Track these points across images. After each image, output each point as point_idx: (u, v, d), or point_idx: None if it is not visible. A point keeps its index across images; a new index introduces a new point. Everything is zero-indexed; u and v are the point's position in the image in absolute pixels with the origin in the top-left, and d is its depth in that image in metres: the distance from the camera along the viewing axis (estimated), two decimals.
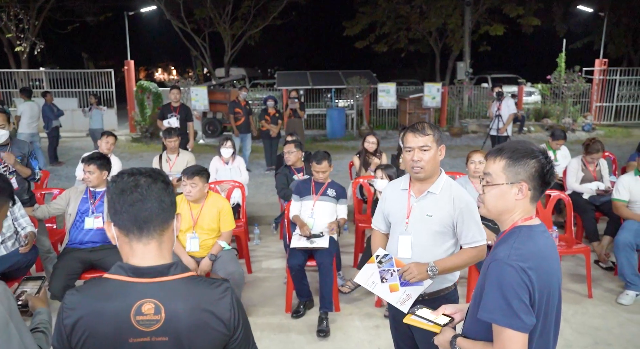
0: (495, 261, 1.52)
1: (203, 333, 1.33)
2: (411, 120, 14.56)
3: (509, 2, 17.16)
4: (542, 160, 1.58)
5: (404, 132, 2.34)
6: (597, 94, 15.35)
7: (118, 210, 1.33)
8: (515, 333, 1.46)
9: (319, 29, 28.16)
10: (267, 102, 9.38)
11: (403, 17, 19.16)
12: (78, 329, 1.28)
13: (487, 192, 1.64)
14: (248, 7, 18.81)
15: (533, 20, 17.22)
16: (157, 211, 1.34)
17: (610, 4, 18.26)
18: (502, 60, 24.76)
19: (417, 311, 1.93)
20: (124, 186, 1.34)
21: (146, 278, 1.31)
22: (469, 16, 15.94)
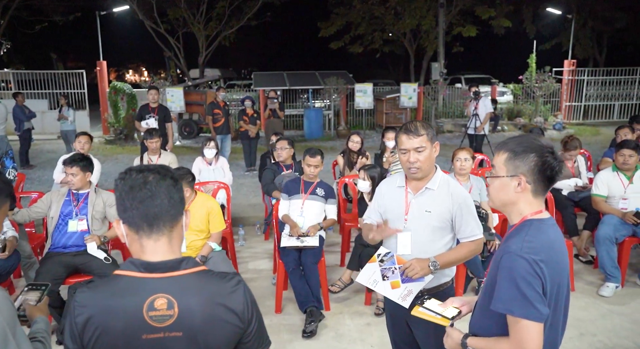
0: (507, 253, 1.54)
1: (217, 327, 1.32)
2: (388, 120, 14.71)
3: (481, 4, 17.50)
4: (544, 155, 1.61)
5: (398, 133, 2.35)
6: (566, 94, 15.81)
7: (127, 207, 1.32)
8: (531, 323, 1.49)
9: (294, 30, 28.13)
10: (245, 103, 9.33)
11: (378, 18, 19.33)
12: (90, 327, 1.26)
13: (491, 184, 1.70)
14: (223, 7, 18.64)
15: (504, 21, 17.62)
16: (166, 208, 1.33)
17: (577, 7, 18.82)
18: (474, 61, 25.25)
19: (425, 303, 1.95)
20: (132, 183, 1.32)
21: (158, 273, 1.30)
22: (442, 17, 16.18)
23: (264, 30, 24.07)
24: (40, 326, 1.74)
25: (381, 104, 14.68)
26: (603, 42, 22.09)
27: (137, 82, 25.97)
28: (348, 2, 19.28)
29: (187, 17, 18.60)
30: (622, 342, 3.57)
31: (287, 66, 21.09)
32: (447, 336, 1.81)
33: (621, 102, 16.44)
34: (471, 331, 1.76)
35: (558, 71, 15.52)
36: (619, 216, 4.33)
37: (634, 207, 4.35)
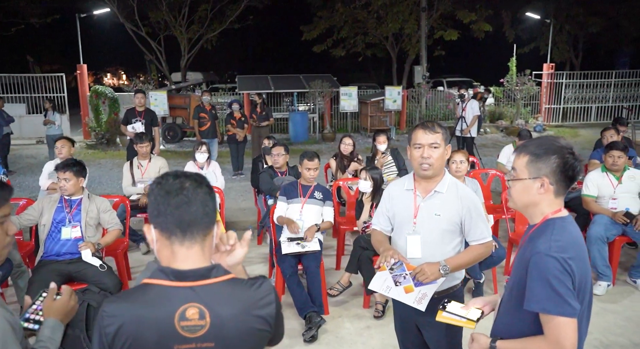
0: (537, 254, 1.57)
1: (251, 337, 1.31)
2: (373, 123, 14.79)
3: (462, 9, 17.74)
4: (565, 156, 1.63)
5: (414, 129, 2.36)
6: (546, 97, 16.12)
7: (162, 212, 1.29)
8: (566, 319, 1.51)
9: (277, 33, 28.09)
10: (233, 106, 9.27)
11: (360, 22, 19.41)
12: (120, 337, 1.23)
13: (513, 186, 1.72)
14: (205, 10, 18.51)
15: (485, 26, 17.87)
16: (201, 215, 1.31)
17: (554, 12, 19.24)
18: (456, 64, 25.57)
19: (447, 307, 1.95)
20: (169, 188, 1.30)
21: (188, 282, 1.27)
22: (424, 21, 16.35)
23: (246, 33, 23.95)
24: (44, 333, 1.64)
25: (366, 107, 14.74)
26: (579, 46, 22.61)
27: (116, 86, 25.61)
28: (331, 5, 19.34)
29: (168, 20, 18.42)
30: (618, 339, 3.64)
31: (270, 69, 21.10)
32: (472, 341, 1.80)
33: (598, 105, 16.84)
34: (496, 333, 1.76)
35: (537, 74, 15.83)
36: (609, 216, 4.42)
37: (624, 207, 4.45)
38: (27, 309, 1.70)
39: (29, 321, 1.66)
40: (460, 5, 17.96)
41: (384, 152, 5.87)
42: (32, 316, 1.68)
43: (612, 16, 20.18)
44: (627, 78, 16.86)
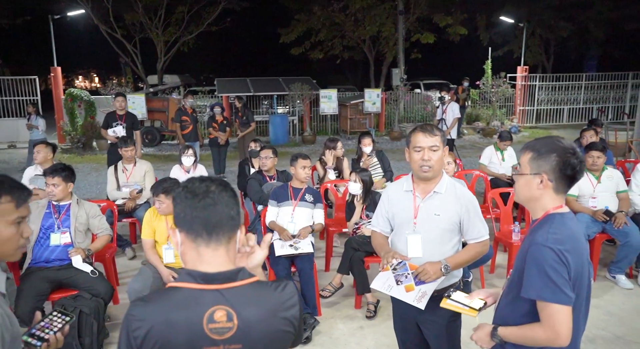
0: (535, 244, 1.66)
1: (277, 338, 1.33)
2: (352, 126, 14.90)
3: (438, 12, 18.05)
4: (566, 155, 1.72)
5: (413, 132, 2.41)
6: (520, 99, 16.51)
7: (188, 214, 1.31)
8: (561, 306, 1.60)
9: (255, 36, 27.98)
10: (214, 109, 9.22)
11: (338, 24, 19.54)
12: (150, 340, 1.24)
13: (516, 181, 1.84)
14: (182, 12, 18.38)
15: (460, 29, 18.22)
16: (226, 217, 1.33)
17: (526, 16, 19.73)
18: (432, 67, 25.93)
19: (452, 295, 2.02)
20: (195, 191, 1.33)
21: (216, 285, 1.28)
22: (401, 25, 16.57)
23: (224, 36, 23.82)
24: None
25: (345, 110, 14.84)
26: (550, 50, 23.22)
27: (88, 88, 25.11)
28: (308, 8, 19.41)
29: (144, 22, 18.21)
30: (601, 333, 3.77)
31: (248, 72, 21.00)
32: (476, 329, 1.89)
33: (569, 107, 17.33)
34: (497, 321, 1.85)
35: (512, 77, 16.21)
36: (590, 215, 4.58)
37: (603, 205, 4.61)
38: (35, 325, 1.67)
39: (33, 336, 1.63)
40: (436, 9, 18.28)
41: (369, 154, 5.93)
42: (38, 332, 1.65)
43: (580, 21, 20.81)
44: (595, 81, 17.42)
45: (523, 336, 1.72)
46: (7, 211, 1.44)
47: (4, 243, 1.44)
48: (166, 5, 17.96)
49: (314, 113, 15.36)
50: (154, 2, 17.82)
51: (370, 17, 18.27)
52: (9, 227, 1.44)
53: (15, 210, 1.46)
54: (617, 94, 17.43)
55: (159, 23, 18.42)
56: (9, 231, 1.44)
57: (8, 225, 1.44)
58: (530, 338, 1.70)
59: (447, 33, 19.06)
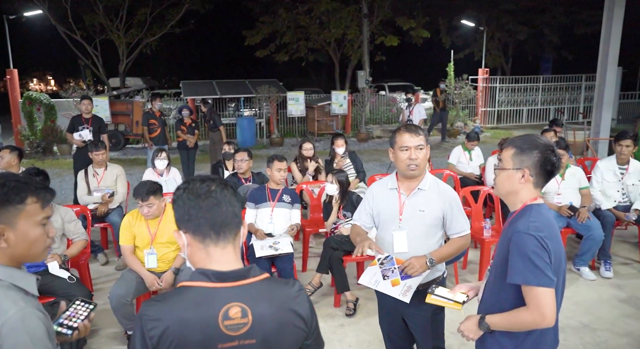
0: (517, 233, 1.76)
1: (288, 332, 1.35)
2: (319, 128, 15.00)
3: (401, 16, 18.39)
4: (547, 152, 1.83)
5: (398, 132, 2.49)
6: (481, 100, 17.02)
7: (193, 216, 1.33)
8: (545, 289, 1.70)
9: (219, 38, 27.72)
10: (183, 112, 9.10)
11: (303, 27, 19.60)
12: (166, 340, 1.24)
13: (498, 175, 1.93)
14: (144, 14, 17.98)
15: (423, 32, 18.60)
16: (231, 215, 1.35)
17: (485, 20, 20.39)
18: (396, 69, 26.38)
19: (435, 291, 2.10)
20: (198, 192, 1.34)
21: (229, 282, 1.30)
22: (366, 27, 16.79)
23: (188, 38, 23.50)
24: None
25: (312, 112, 14.92)
26: (508, 53, 24.05)
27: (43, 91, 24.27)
28: (273, 11, 19.39)
29: (105, 24, 17.74)
30: (570, 322, 3.96)
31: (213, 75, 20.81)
32: (462, 324, 1.96)
33: (528, 108, 17.99)
34: (482, 311, 1.94)
35: (473, 79, 16.70)
36: (555, 210, 4.80)
37: (567, 201, 4.84)
38: (61, 315, 1.71)
39: (63, 326, 1.67)
40: (399, 12, 18.61)
41: (342, 155, 6.01)
42: (66, 321, 1.69)
43: (536, 25, 21.67)
44: (552, 83, 18.14)
45: (510, 321, 1.81)
46: (34, 212, 1.45)
47: (33, 244, 1.46)
48: (128, 7, 17.56)
49: (281, 115, 15.37)
50: (115, 3, 17.40)
51: (335, 20, 18.43)
52: (36, 228, 1.45)
53: (41, 210, 1.47)
54: (572, 95, 18.21)
55: (120, 24, 17.98)
56: (37, 231, 1.46)
57: (36, 225, 1.45)
58: (517, 323, 1.79)
59: (410, 36, 19.43)
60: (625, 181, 5.04)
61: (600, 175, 5.08)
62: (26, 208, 1.43)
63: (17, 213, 1.42)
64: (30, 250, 1.46)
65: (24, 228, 1.43)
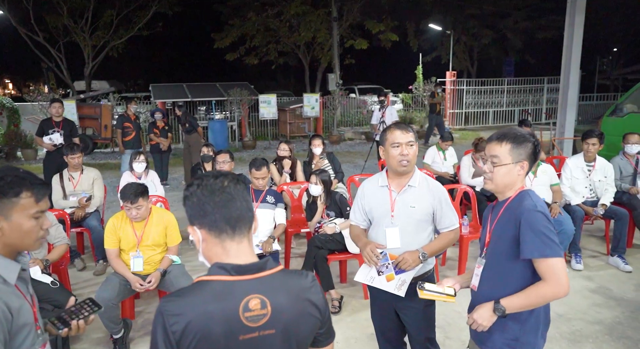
0: (527, 211, 1.87)
1: (304, 321, 1.39)
2: (292, 130, 15.04)
3: (370, 19, 18.65)
4: (535, 143, 1.96)
5: (389, 129, 2.56)
6: (449, 102, 17.42)
7: (209, 211, 1.34)
8: (559, 259, 1.82)
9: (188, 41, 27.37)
10: (155, 115, 9.00)
11: (273, 30, 19.63)
12: (189, 334, 1.26)
13: (497, 171, 1.99)
14: (110, 16, 17.63)
15: (391, 36, 18.93)
16: (245, 210, 1.38)
17: (452, 25, 20.91)
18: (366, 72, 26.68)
19: (426, 287, 2.17)
20: (212, 188, 1.36)
21: (248, 275, 1.33)
22: (336, 31, 16.96)
23: (156, 41, 23.11)
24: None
25: (284, 114, 14.95)
26: (474, 56, 24.71)
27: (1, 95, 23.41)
28: (242, 14, 19.34)
29: (69, 26, 17.30)
30: None
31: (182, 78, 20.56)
32: (474, 313, 2.01)
33: (494, 109, 18.52)
34: (483, 298, 2.01)
35: (441, 81, 17.07)
36: None
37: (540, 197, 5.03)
38: (66, 309, 1.77)
39: (60, 319, 1.73)
40: (368, 16, 18.88)
41: (321, 156, 6.07)
42: (66, 317, 1.73)
43: (500, 29, 22.38)
44: (516, 85, 18.74)
45: (529, 298, 1.87)
46: (28, 205, 1.57)
47: (25, 235, 1.58)
48: (93, 9, 17.17)
49: (252, 118, 15.33)
50: (80, 5, 17.00)
51: (306, 23, 18.53)
52: (29, 220, 1.57)
53: (35, 204, 1.59)
54: (535, 97, 18.85)
55: (85, 26, 17.58)
56: (30, 224, 1.58)
57: (28, 218, 1.57)
58: (536, 297, 1.86)
59: (379, 39, 19.72)
60: (593, 178, 5.28)
61: (569, 172, 5.30)
62: (20, 202, 1.55)
63: (11, 206, 1.54)
64: (22, 240, 1.59)
65: (18, 220, 1.55)
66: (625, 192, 5.41)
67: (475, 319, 2.00)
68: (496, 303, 1.94)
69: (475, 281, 2.10)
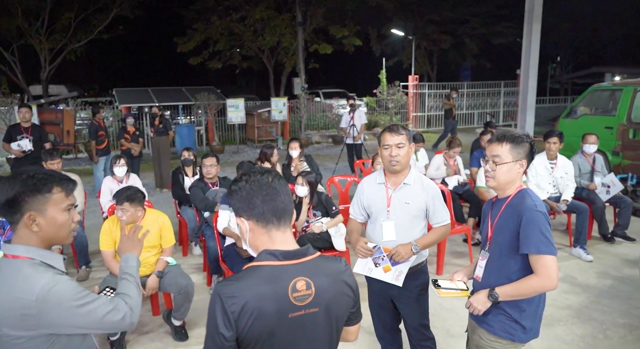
0: (529, 210, 2.07)
1: (342, 301, 1.57)
2: (260, 134, 15.10)
3: (333, 24, 18.95)
4: (531, 142, 2.18)
5: (382, 132, 2.76)
6: (412, 105, 17.91)
7: (257, 205, 1.50)
8: (552, 257, 2.04)
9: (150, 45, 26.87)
10: (127, 121, 8.91)
11: (237, 34, 19.61)
12: (246, 313, 1.40)
13: (499, 169, 2.18)
14: (68, 19, 17.14)
15: (355, 40, 19.28)
16: (288, 202, 1.55)
17: (412, 30, 21.51)
18: (330, 76, 26.98)
19: (441, 286, 2.37)
20: (260, 183, 1.51)
21: (294, 260, 1.49)
22: (301, 35, 17.14)
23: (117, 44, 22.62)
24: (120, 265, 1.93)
25: (252, 119, 15.00)
26: (433, 60, 25.48)
27: None
28: (206, 18, 19.23)
29: (23, 28, 16.71)
30: None
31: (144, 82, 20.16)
32: (474, 295, 2.21)
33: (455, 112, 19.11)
34: (487, 286, 2.21)
35: (404, 85, 17.56)
36: None
37: None
38: None
39: None
40: (331, 21, 19.16)
41: (301, 159, 6.22)
42: None
43: (458, 35, 23.20)
44: (474, 89, 19.46)
45: (519, 289, 2.09)
46: (60, 200, 1.68)
47: (60, 228, 1.69)
48: (50, 11, 16.67)
49: (220, 122, 15.30)
50: (36, 7, 16.47)
51: (271, 27, 18.62)
52: (62, 214, 1.68)
53: (66, 198, 1.71)
54: (493, 100, 19.63)
55: (42, 29, 17.04)
56: (63, 217, 1.69)
57: (61, 211, 1.68)
58: (526, 288, 2.08)
59: (342, 44, 20.04)
60: (555, 175, 5.66)
61: (534, 170, 5.67)
62: (53, 197, 1.66)
63: (45, 201, 1.64)
64: (58, 233, 1.69)
65: (52, 214, 1.66)
66: (584, 188, 5.84)
67: (472, 303, 2.21)
68: (491, 290, 2.16)
69: (479, 273, 2.30)
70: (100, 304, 1.62)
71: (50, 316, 1.53)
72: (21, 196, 1.60)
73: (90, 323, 1.60)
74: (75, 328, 1.59)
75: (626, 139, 7.89)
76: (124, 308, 1.69)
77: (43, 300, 1.51)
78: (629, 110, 7.93)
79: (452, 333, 3.87)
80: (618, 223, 5.93)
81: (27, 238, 1.63)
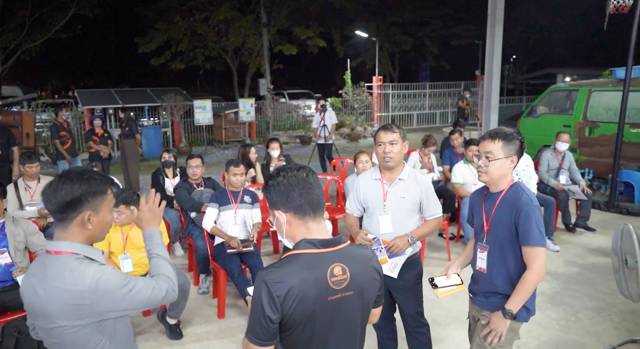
0: (527, 205, 2.23)
1: (372, 285, 1.71)
2: (227, 135, 15.04)
3: (298, 25, 19.07)
4: (521, 139, 2.35)
5: (377, 131, 2.91)
6: (377, 106, 18.26)
7: (294, 198, 1.62)
8: (543, 248, 2.22)
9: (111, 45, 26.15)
10: (94, 122, 8.75)
11: (200, 35, 19.42)
12: (291, 296, 1.52)
13: (492, 165, 2.33)
14: (23, 17, 16.50)
15: (319, 41, 19.47)
16: (322, 196, 1.68)
17: (375, 31, 21.91)
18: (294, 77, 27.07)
19: (438, 285, 2.53)
20: (298, 178, 1.64)
21: (331, 248, 1.62)
22: (266, 36, 17.16)
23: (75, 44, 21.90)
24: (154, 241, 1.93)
25: (219, 120, 14.92)
26: (395, 62, 26.01)
27: None
28: (168, 18, 18.95)
29: None
30: None
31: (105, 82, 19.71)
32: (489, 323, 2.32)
33: (417, 112, 19.66)
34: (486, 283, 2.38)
35: (368, 86, 17.87)
36: None
37: None
38: None
39: None
40: (295, 22, 19.28)
41: (280, 159, 6.31)
42: None
43: (419, 36, 23.81)
44: (436, 89, 20.04)
45: (523, 293, 2.23)
46: (110, 200, 1.80)
47: (106, 227, 1.80)
48: (2, 9, 15.99)
49: (186, 124, 15.13)
50: None
51: (235, 28, 18.54)
52: (110, 213, 1.80)
53: (114, 199, 1.85)
54: (454, 101, 20.25)
55: None
56: (110, 216, 1.81)
57: (110, 211, 1.80)
58: (529, 288, 2.23)
59: (306, 45, 20.19)
60: (517, 168, 5.96)
61: None
62: (107, 197, 1.77)
63: (102, 202, 1.74)
64: (102, 231, 1.79)
65: (104, 213, 1.76)
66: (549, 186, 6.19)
67: (493, 329, 2.30)
68: (503, 310, 2.27)
69: (482, 264, 2.43)
70: (143, 285, 1.72)
71: (101, 304, 1.63)
72: (85, 196, 1.69)
73: (138, 304, 1.71)
74: (124, 311, 1.70)
75: (583, 136, 8.38)
76: (165, 285, 1.78)
77: (94, 290, 1.60)
78: (585, 109, 8.42)
79: (438, 321, 4.07)
80: (580, 215, 6.33)
81: (77, 235, 1.70)
